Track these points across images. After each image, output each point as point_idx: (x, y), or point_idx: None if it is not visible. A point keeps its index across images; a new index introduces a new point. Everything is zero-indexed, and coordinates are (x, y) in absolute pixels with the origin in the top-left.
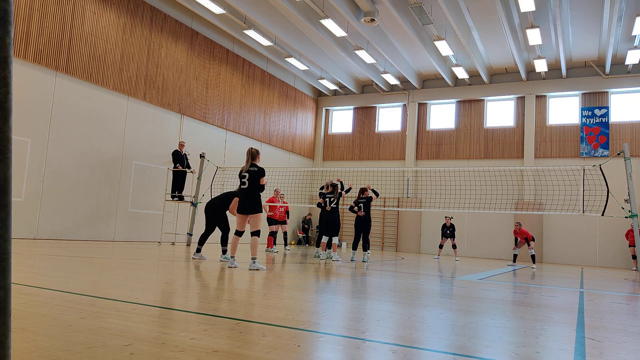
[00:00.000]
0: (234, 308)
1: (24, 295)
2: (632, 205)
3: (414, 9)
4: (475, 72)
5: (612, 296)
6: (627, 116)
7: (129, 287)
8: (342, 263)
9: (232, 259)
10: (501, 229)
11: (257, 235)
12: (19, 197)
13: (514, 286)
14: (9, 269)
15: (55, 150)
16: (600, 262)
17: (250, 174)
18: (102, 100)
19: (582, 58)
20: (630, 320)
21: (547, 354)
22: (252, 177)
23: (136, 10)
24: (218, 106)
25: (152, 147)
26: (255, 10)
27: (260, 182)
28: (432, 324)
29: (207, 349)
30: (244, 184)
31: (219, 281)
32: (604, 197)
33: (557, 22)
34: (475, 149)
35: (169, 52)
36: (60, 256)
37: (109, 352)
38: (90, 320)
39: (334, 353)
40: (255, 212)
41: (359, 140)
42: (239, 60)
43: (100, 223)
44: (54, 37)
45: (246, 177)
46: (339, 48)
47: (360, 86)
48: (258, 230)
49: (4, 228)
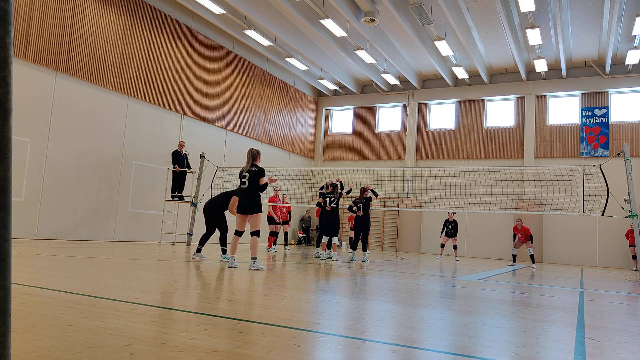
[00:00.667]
0: (234, 308)
1: (24, 295)
2: (632, 205)
3: (414, 9)
4: (475, 72)
5: (612, 296)
6: (627, 116)
7: (129, 287)
8: (342, 263)
9: (232, 259)
10: (501, 229)
11: (257, 235)
12: (19, 197)
13: (514, 286)
14: (9, 269)
15: (55, 150)
16: (600, 262)
17: (250, 174)
18: (102, 100)
19: (582, 58)
20: (630, 320)
21: (547, 354)
22: (252, 176)
23: (136, 10)
24: (218, 106)
25: (152, 147)
26: (255, 10)
27: (260, 182)
28: (432, 324)
29: (207, 349)
30: (244, 183)
31: (219, 281)
32: (604, 197)
33: (557, 22)
34: (475, 149)
35: (169, 52)
36: (60, 256)
37: (109, 352)
38: (90, 320)
39: (334, 353)
40: (254, 212)
41: (359, 140)
42: (239, 60)
43: (100, 223)
44: (54, 37)
45: (246, 177)
46: (339, 48)
47: (360, 86)
48: (258, 230)
49: (4, 228)
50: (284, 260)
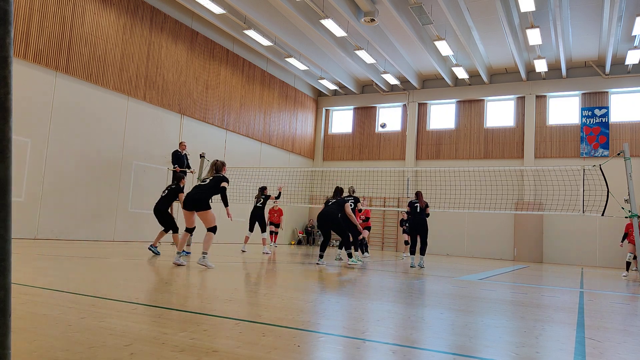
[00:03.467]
0: (234, 308)
1: (24, 295)
2: (632, 205)
3: (414, 9)
4: (475, 72)
5: (612, 296)
6: (627, 116)
7: (129, 287)
8: (338, 263)
9: (177, 255)
10: (501, 229)
11: (213, 232)
12: (19, 197)
13: (513, 286)
14: (9, 269)
15: (55, 150)
16: (600, 262)
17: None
18: (102, 100)
19: (582, 58)
20: (630, 320)
21: (547, 354)
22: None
23: (136, 10)
24: (218, 106)
25: (152, 147)
26: (255, 10)
27: (221, 184)
28: (432, 324)
29: (207, 349)
30: (205, 181)
31: (218, 281)
32: (604, 197)
33: (557, 22)
34: (475, 149)
35: (169, 52)
36: (60, 256)
37: (109, 352)
38: (90, 320)
39: (334, 353)
40: (200, 210)
41: (359, 140)
42: (239, 60)
43: (100, 223)
44: (54, 37)
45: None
46: (339, 48)
47: (360, 86)
48: (213, 227)
49: (4, 228)
50: (284, 260)
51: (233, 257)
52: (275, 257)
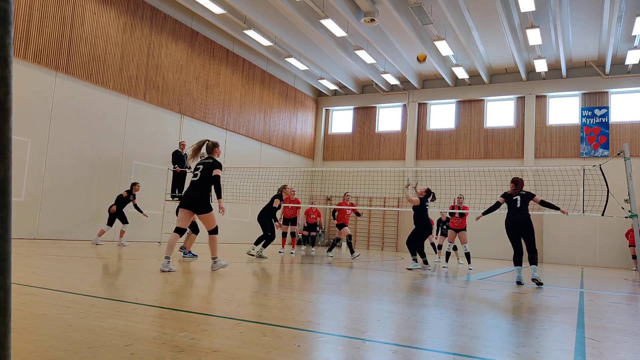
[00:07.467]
0: (234, 308)
1: (24, 295)
2: (632, 205)
3: (414, 9)
4: (475, 72)
5: (612, 296)
6: (627, 116)
7: (129, 287)
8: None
9: (165, 260)
10: (501, 229)
11: (215, 233)
12: (19, 197)
13: (513, 286)
14: (9, 269)
15: (55, 150)
16: (600, 262)
17: (204, 166)
18: (102, 100)
19: (582, 58)
20: (630, 320)
21: (547, 354)
22: (206, 169)
23: (136, 10)
24: (218, 106)
25: (152, 147)
26: (255, 10)
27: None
28: (432, 324)
29: (207, 349)
30: (196, 176)
31: (218, 281)
32: (604, 197)
33: (557, 22)
34: (475, 149)
35: (169, 52)
36: (60, 256)
37: (109, 352)
38: (90, 320)
39: (334, 353)
40: (201, 213)
41: (359, 140)
42: (239, 60)
43: (100, 223)
44: (54, 37)
45: (199, 169)
46: (339, 48)
47: (360, 86)
48: (215, 228)
49: (4, 228)
50: (284, 260)
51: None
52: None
